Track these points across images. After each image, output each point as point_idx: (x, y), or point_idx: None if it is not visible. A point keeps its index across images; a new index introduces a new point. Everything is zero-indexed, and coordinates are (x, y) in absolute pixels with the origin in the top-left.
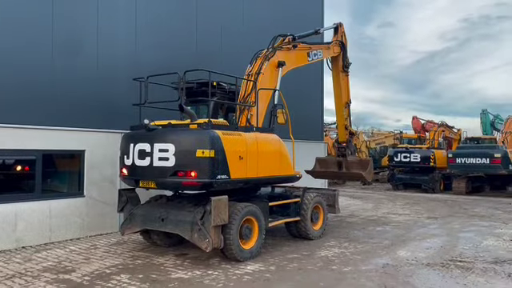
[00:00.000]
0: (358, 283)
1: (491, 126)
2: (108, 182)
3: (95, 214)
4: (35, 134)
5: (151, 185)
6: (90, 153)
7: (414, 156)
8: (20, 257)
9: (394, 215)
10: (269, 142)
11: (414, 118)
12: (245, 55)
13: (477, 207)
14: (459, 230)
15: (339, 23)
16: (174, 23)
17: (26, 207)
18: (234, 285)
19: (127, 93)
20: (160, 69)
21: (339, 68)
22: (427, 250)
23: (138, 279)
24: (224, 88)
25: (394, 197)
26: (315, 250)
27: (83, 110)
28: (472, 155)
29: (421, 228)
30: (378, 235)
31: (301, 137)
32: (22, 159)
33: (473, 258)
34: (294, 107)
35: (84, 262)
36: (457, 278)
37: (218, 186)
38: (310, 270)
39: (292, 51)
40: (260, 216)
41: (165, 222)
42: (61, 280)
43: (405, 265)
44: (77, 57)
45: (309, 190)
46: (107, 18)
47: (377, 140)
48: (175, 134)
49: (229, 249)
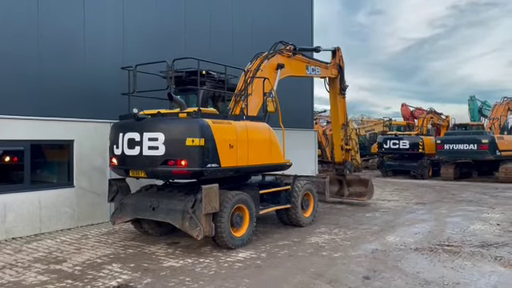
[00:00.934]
0: (347, 268)
1: (479, 113)
2: (98, 171)
3: (85, 204)
4: (23, 124)
5: (141, 174)
6: (78, 143)
7: (403, 143)
8: (10, 248)
9: (384, 201)
10: (259, 131)
11: (403, 105)
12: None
13: (464, 192)
14: (447, 215)
15: (337, 47)
16: (164, 19)
17: (16, 198)
18: (226, 272)
19: (116, 82)
20: (148, 58)
21: (336, 90)
22: (415, 235)
23: (130, 268)
24: (213, 77)
25: (383, 183)
26: (306, 236)
27: (71, 100)
28: (460, 141)
29: (409, 214)
30: (368, 221)
31: (292, 125)
32: (10, 150)
33: (460, 243)
34: (285, 96)
35: (75, 252)
36: (444, 262)
37: (208, 174)
38: (301, 256)
39: (292, 59)
40: (251, 204)
41: (156, 211)
42: (52, 270)
43: (394, 250)
44: (64, 48)
45: (299, 177)
46: (94, 8)
47: (366, 127)
48: (165, 123)
49: (220, 237)
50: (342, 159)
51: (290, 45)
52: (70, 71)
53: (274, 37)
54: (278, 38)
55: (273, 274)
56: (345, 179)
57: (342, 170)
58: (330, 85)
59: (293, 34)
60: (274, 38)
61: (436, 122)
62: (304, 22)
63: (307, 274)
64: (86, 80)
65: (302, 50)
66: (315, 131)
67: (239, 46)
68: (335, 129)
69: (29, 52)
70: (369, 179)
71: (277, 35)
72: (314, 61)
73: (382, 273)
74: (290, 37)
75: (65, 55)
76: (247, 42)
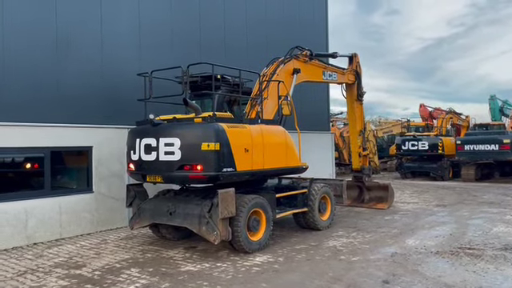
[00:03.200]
0: (366, 272)
1: (500, 112)
2: (116, 177)
3: (104, 209)
4: (43, 131)
5: (158, 179)
6: (97, 149)
7: (422, 144)
8: (31, 253)
9: (403, 204)
10: (274, 134)
11: (422, 106)
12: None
13: (486, 194)
14: (468, 217)
15: (354, 53)
16: (178, 22)
17: (37, 204)
18: (243, 276)
19: (132, 88)
20: (164, 61)
21: (354, 97)
22: (436, 238)
23: (148, 273)
24: (228, 81)
25: (402, 185)
26: (323, 240)
27: (89, 107)
28: (481, 142)
29: (429, 216)
30: (387, 224)
31: (308, 128)
32: (31, 157)
33: (482, 246)
34: (301, 99)
35: (95, 256)
36: (466, 266)
37: (224, 178)
38: (319, 260)
39: (308, 64)
40: (267, 208)
41: (173, 216)
42: (72, 275)
43: (413, 253)
44: (82, 56)
45: (316, 180)
46: (111, 16)
47: (384, 129)
48: (180, 128)
49: (237, 241)
50: (359, 166)
51: (307, 50)
52: (88, 79)
53: (288, 39)
54: (292, 40)
55: (290, 279)
56: (364, 185)
57: (361, 176)
58: (346, 91)
59: (307, 36)
60: (288, 41)
61: (455, 122)
62: (318, 23)
63: (325, 278)
64: (104, 87)
65: (318, 55)
66: (332, 133)
67: (253, 42)
68: (352, 135)
69: (47, 61)
70: (388, 184)
71: (291, 38)
72: (330, 66)
73: (402, 277)
74: (305, 39)
75: (82, 63)
76: (261, 39)
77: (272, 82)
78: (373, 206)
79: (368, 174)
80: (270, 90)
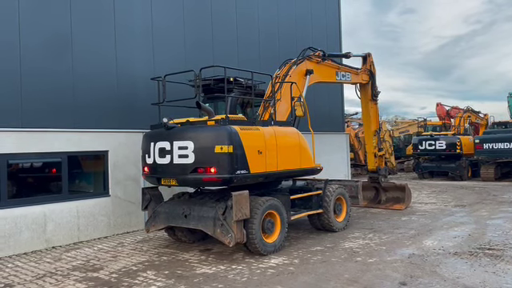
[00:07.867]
0: (383, 274)
1: None
2: (132, 180)
3: (121, 212)
4: (60, 136)
5: (172, 182)
6: (113, 153)
7: (440, 143)
8: (50, 257)
9: (420, 204)
10: (287, 136)
11: (438, 105)
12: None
13: (506, 193)
14: (488, 217)
15: (368, 53)
16: (189, 25)
17: (55, 208)
18: (258, 278)
19: (146, 93)
20: (177, 65)
21: (368, 97)
22: (454, 239)
23: (164, 275)
24: (241, 83)
25: (419, 186)
26: (339, 241)
27: (105, 112)
28: (500, 140)
29: (448, 216)
30: (404, 225)
31: (322, 129)
32: (48, 162)
33: (502, 246)
34: (315, 99)
35: (111, 259)
36: (486, 267)
37: (238, 181)
38: (334, 262)
39: (321, 64)
40: (282, 209)
41: (188, 219)
42: (89, 278)
43: (431, 254)
44: (97, 62)
45: (331, 181)
46: (124, 23)
47: (400, 129)
48: (193, 132)
49: (252, 243)
50: (375, 167)
51: (319, 51)
52: (103, 84)
53: (301, 39)
54: (305, 40)
55: (306, 281)
56: (380, 186)
57: (377, 177)
58: (361, 91)
59: (320, 37)
60: (301, 41)
61: (474, 120)
62: (331, 23)
63: (341, 280)
64: (118, 92)
65: (331, 56)
66: (347, 134)
67: (265, 43)
68: (367, 136)
69: (63, 67)
70: (405, 185)
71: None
72: (344, 67)
73: (420, 278)
74: (318, 39)
75: (97, 68)
76: (274, 41)
77: (285, 84)
78: (389, 207)
79: (384, 175)
80: (283, 91)
